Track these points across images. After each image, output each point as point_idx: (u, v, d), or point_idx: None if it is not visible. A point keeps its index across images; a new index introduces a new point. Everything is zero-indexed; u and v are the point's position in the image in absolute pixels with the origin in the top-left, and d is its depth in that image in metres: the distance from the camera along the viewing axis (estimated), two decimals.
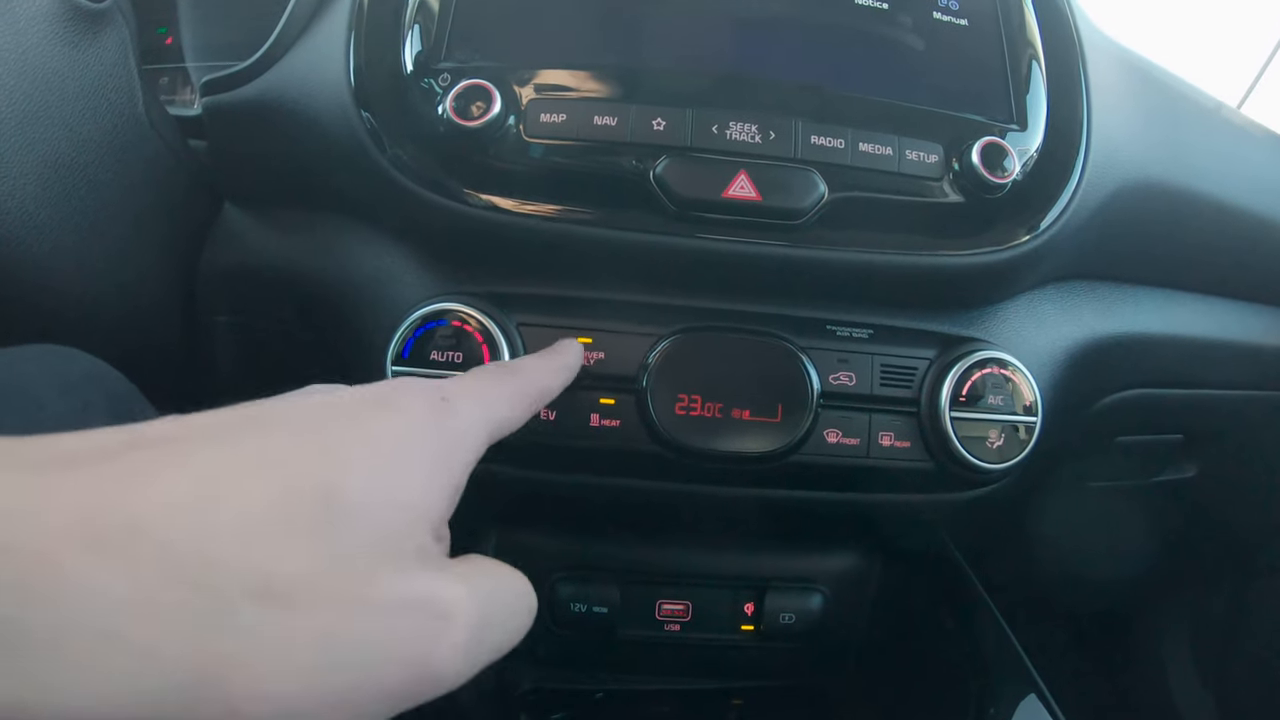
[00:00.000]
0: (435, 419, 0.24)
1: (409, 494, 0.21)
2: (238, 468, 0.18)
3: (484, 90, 0.38)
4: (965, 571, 0.49)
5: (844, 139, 0.40)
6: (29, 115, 0.38)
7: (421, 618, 0.20)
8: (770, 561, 0.50)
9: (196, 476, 0.18)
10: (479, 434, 0.26)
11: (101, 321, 0.43)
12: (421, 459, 0.23)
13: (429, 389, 0.26)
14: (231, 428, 0.20)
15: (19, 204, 0.38)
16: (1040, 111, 0.44)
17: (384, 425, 0.22)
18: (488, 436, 0.27)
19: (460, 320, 0.39)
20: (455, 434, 0.25)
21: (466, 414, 0.26)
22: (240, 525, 0.17)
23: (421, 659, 0.19)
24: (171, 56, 0.54)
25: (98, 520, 0.16)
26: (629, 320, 0.41)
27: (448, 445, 0.24)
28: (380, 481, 0.21)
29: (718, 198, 0.39)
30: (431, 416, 0.24)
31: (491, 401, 0.28)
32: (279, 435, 0.20)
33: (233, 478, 0.18)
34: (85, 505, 0.16)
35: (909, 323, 0.44)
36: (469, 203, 0.39)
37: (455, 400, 0.26)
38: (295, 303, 0.47)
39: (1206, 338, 0.54)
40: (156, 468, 0.17)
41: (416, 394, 0.25)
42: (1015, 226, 0.43)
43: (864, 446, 0.42)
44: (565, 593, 0.48)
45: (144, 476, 0.17)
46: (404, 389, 0.25)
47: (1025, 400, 0.43)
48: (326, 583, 0.18)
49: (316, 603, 0.18)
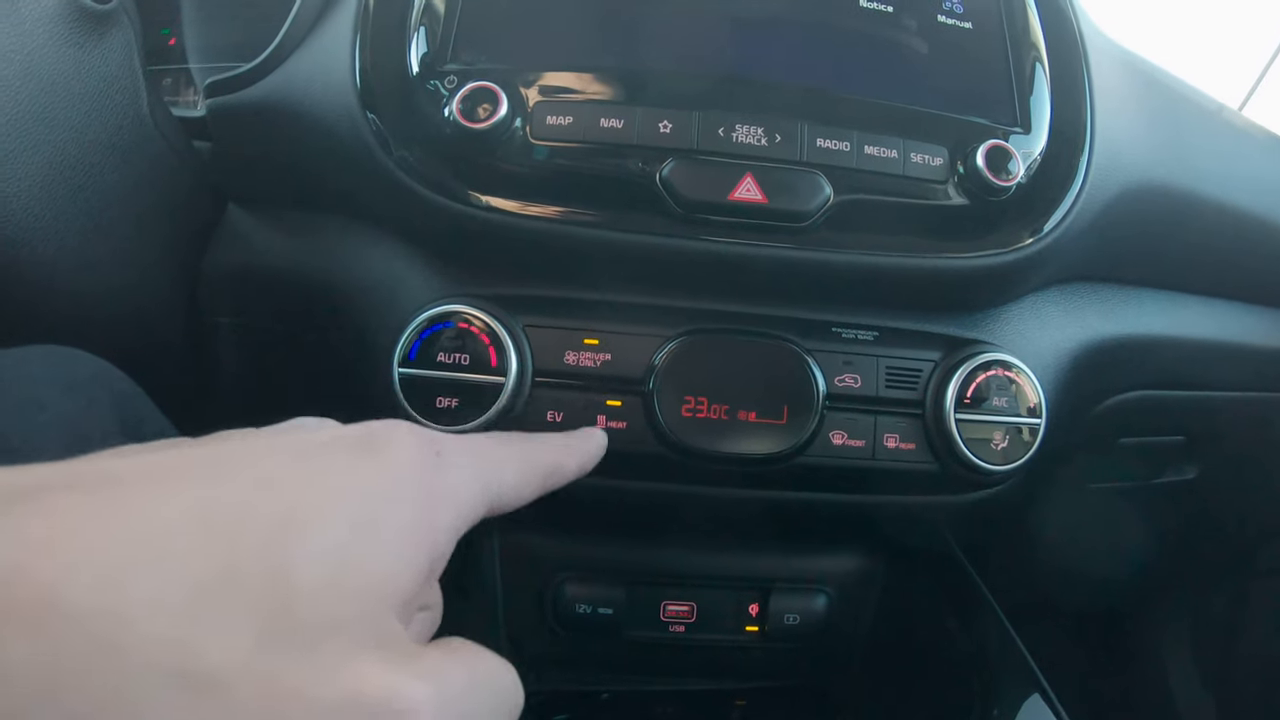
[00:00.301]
0: (422, 471, 0.22)
1: (374, 568, 0.19)
2: (174, 528, 0.16)
3: (490, 92, 0.38)
4: (969, 572, 0.49)
5: (849, 142, 0.40)
6: (34, 116, 0.38)
7: (375, 718, 0.17)
8: (775, 562, 0.50)
9: (127, 535, 0.16)
10: (472, 497, 0.23)
11: (105, 322, 0.43)
12: (397, 521, 0.20)
13: (421, 436, 0.23)
14: (179, 473, 0.18)
15: (23, 204, 0.38)
16: (1044, 114, 0.44)
17: (358, 477, 0.20)
18: (484, 502, 0.24)
19: (466, 322, 0.39)
20: (443, 491, 0.22)
21: (460, 470, 0.23)
22: (166, 598, 0.15)
23: None
24: (175, 58, 0.54)
25: (14, 584, 0.14)
26: (635, 322, 0.41)
27: (432, 504, 0.22)
28: (340, 552, 0.18)
29: (723, 200, 0.39)
30: (418, 467, 0.22)
31: (492, 461, 0.25)
32: (230, 489, 0.18)
33: (165, 540, 0.16)
34: (3, 566, 0.14)
35: (914, 325, 0.45)
36: (475, 205, 0.39)
37: (450, 454, 0.23)
38: (299, 304, 0.47)
39: (1209, 339, 0.55)
40: (85, 520, 0.16)
41: (406, 439, 0.22)
42: (1019, 229, 0.43)
43: (869, 448, 0.42)
44: (570, 594, 0.48)
45: (70, 532, 0.15)
46: (393, 431, 0.22)
47: (1029, 402, 0.43)
48: (262, 672, 0.16)
49: (248, 695, 0.15)
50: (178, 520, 0.16)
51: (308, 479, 0.19)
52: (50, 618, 0.14)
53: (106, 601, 0.15)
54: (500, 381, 0.39)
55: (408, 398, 0.39)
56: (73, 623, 0.14)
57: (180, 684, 0.15)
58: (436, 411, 0.39)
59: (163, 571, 0.15)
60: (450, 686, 0.19)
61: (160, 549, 0.16)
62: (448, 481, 0.22)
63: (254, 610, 0.16)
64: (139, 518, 0.16)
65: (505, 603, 0.48)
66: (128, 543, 0.15)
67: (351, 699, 0.17)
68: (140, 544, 0.16)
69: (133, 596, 0.15)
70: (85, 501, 0.16)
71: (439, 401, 0.39)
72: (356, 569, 0.18)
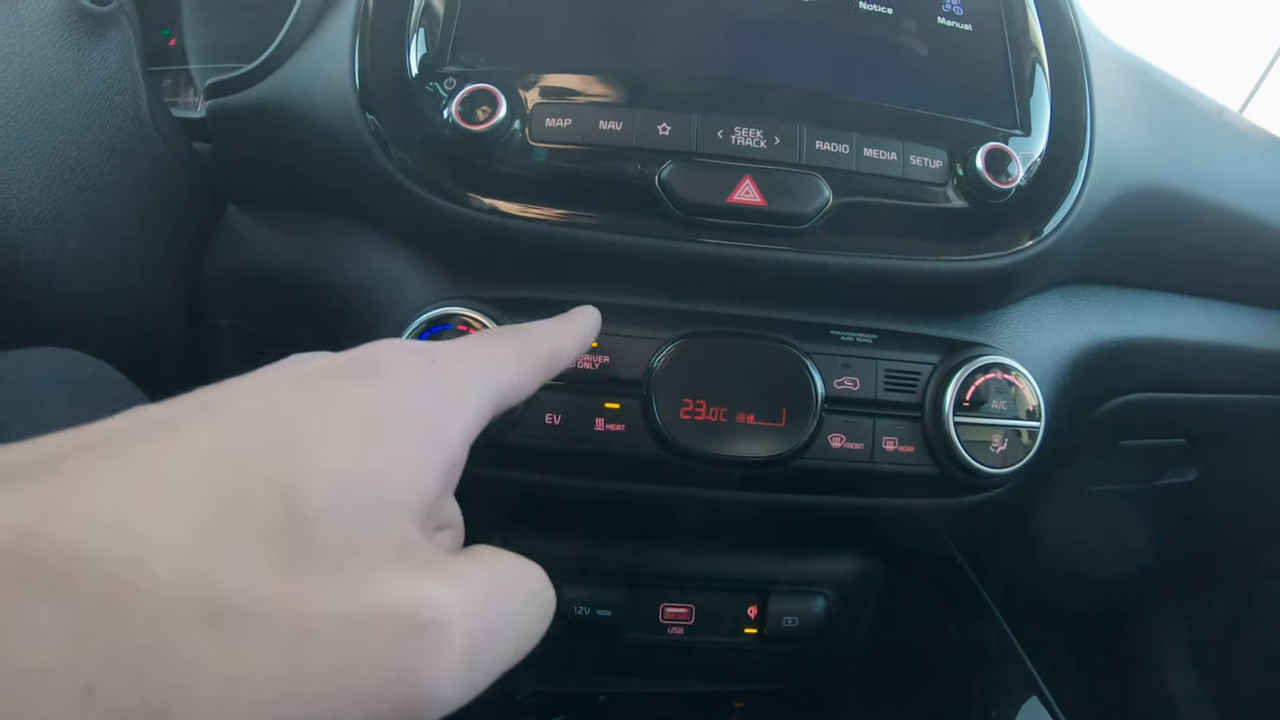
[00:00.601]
0: (423, 381, 0.21)
1: (386, 480, 0.19)
2: (183, 468, 0.16)
3: (489, 94, 0.38)
4: (968, 574, 0.49)
5: (848, 144, 0.40)
6: (33, 117, 0.38)
7: (403, 629, 0.17)
8: (773, 565, 0.50)
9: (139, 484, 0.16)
10: (479, 398, 0.23)
11: (105, 323, 0.43)
12: (405, 433, 0.20)
13: (416, 348, 0.23)
14: (182, 421, 0.18)
15: (23, 206, 0.38)
16: (1044, 117, 0.44)
17: (359, 393, 0.20)
18: (492, 401, 0.24)
19: (465, 324, 0.39)
20: (449, 398, 0.22)
21: (462, 375, 0.23)
22: (184, 538, 0.15)
23: (408, 679, 0.16)
24: (175, 59, 0.54)
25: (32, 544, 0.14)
26: (634, 324, 0.41)
27: (440, 413, 0.21)
28: (349, 469, 0.18)
29: (722, 202, 0.39)
30: (418, 378, 0.21)
31: (493, 360, 0.25)
32: (233, 424, 0.18)
33: (176, 480, 0.16)
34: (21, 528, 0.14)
35: (913, 327, 0.45)
36: (474, 206, 0.39)
37: (446, 360, 0.23)
38: (299, 306, 0.47)
39: (1209, 342, 0.54)
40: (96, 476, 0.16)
41: (401, 354, 0.22)
42: (1019, 232, 0.43)
43: (868, 451, 0.42)
44: (569, 596, 0.48)
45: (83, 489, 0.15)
46: (386, 350, 0.22)
47: (1028, 405, 0.43)
48: (285, 598, 0.16)
49: (274, 622, 0.15)
50: (185, 462, 0.16)
51: (309, 404, 0.19)
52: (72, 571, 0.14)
53: (124, 548, 0.15)
54: None
55: None
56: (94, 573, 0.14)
57: (208, 617, 0.15)
58: None
59: (176, 511, 0.15)
60: (478, 591, 0.19)
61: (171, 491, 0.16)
62: (450, 387, 0.22)
63: (271, 537, 0.16)
64: (148, 465, 0.16)
65: None
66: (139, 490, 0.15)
67: (380, 613, 0.16)
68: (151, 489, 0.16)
69: (149, 539, 0.15)
70: (96, 459, 0.16)
71: None
72: (368, 484, 0.18)
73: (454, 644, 0.17)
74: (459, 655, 0.17)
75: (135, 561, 0.15)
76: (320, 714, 0.16)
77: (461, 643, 0.17)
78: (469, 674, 0.18)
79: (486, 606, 0.19)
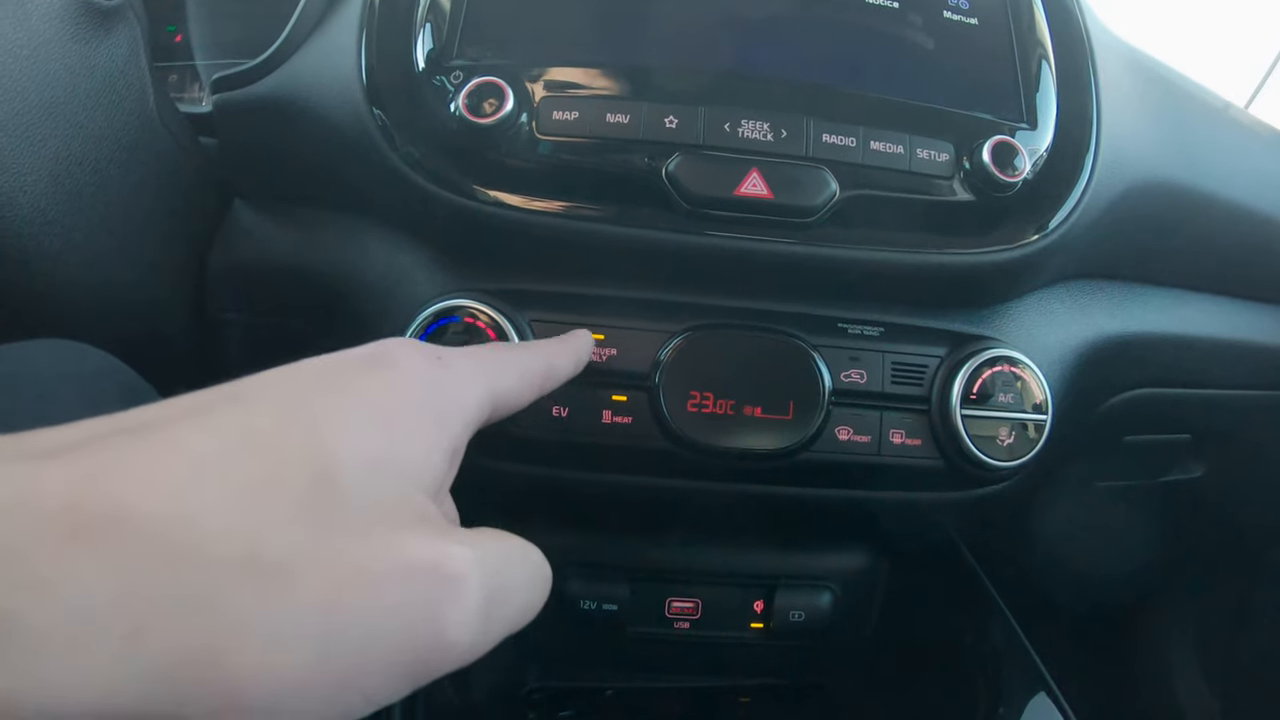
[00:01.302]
0: (431, 373, 0.23)
1: (404, 457, 0.21)
2: (221, 445, 0.18)
3: (497, 87, 0.38)
4: (975, 569, 0.49)
5: (855, 137, 0.40)
6: (40, 112, 0.38)
7: (427, 582, 0.19)
8: (780, 559, 0.50)
9: (180, 456, 0.17)
10: (479, 396, 0.25)
11: (111, 316, 0.43)
12: (416, 418, 0.22)
13: (425, 347, 0.25)
14: (214, 406, 0.19)
15: (30, 200, 0.38)
16: (1050, 110, 0.44)
17: (374, 383, 0.22)
18: (490, 402, 0.26)
19: (472, 316, 0.39)
20: (452, 392, 0.24)
21: (465, 373, 0.25)
22: (226, 501, 0.17)
23: (431, 627, 0.18)
24: (181, 54, 0.54)
25: (81, 507, 0.15)
26: (641, 317, 0.41)
27: (445, 404, 0.23)
28: (371, 446, 0.20)
29: (729, 195, 0.39)
30: (428, 372, 0.23)
31: (493, 366, 0.27)
32: (263, 408, 0.19)
33: (216, 455, 0.17)
34: (70, 494, 0.16)
35: (920, 321, 0.44)
36: (481, 200, 0.39)
37: (453, 361, 0.25)
38: (305, 299, 0.47)
39: (1215, 337, 0.54)
40: (138, 451, 0.17)
41: (410, 350, 0.24)
42: (1025, 225, 0.43)
43: (875, 444, 0.42)
44: (575, 590, 0.48)
45: (127, 461, 0.17)
46: (397, 345, 0.24)
47: (1035, 398, 0.43)
48: (321, 554, 0.17)
49: (312, 576, 0.17)
50: (220, 441, 0.18)
51: (332, 393, 0.21)
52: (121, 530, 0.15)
53: (173, 508, 0.16)
54: None
55: None
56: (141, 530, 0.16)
57: (251, 572, 0.16)
58: None
59: (216, 480, 0.17)
60: (491, 554, 0.21)
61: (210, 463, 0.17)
62: (456, 382, 0.24)
63: (305, 504, 0.18)
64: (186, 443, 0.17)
65: None
66: (181, 463, 0.17)
67: (405, 568, 0.18)
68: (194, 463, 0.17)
69: (197, 502, 0.16)
70: (134, 438, 0.17)
71: None
72: (391, 461, 0.20)
73: (472, 595, 0.19)
74: (476, 607, 0.19)
75: (181, 519, 0.16)
76: (355, 661, 0.17)
77: (477, 595, 0.19)
78: (484, 625, 0.19)
79: (497, 570, 0.21)
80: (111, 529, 0.15)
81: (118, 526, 0.15)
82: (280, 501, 0.17)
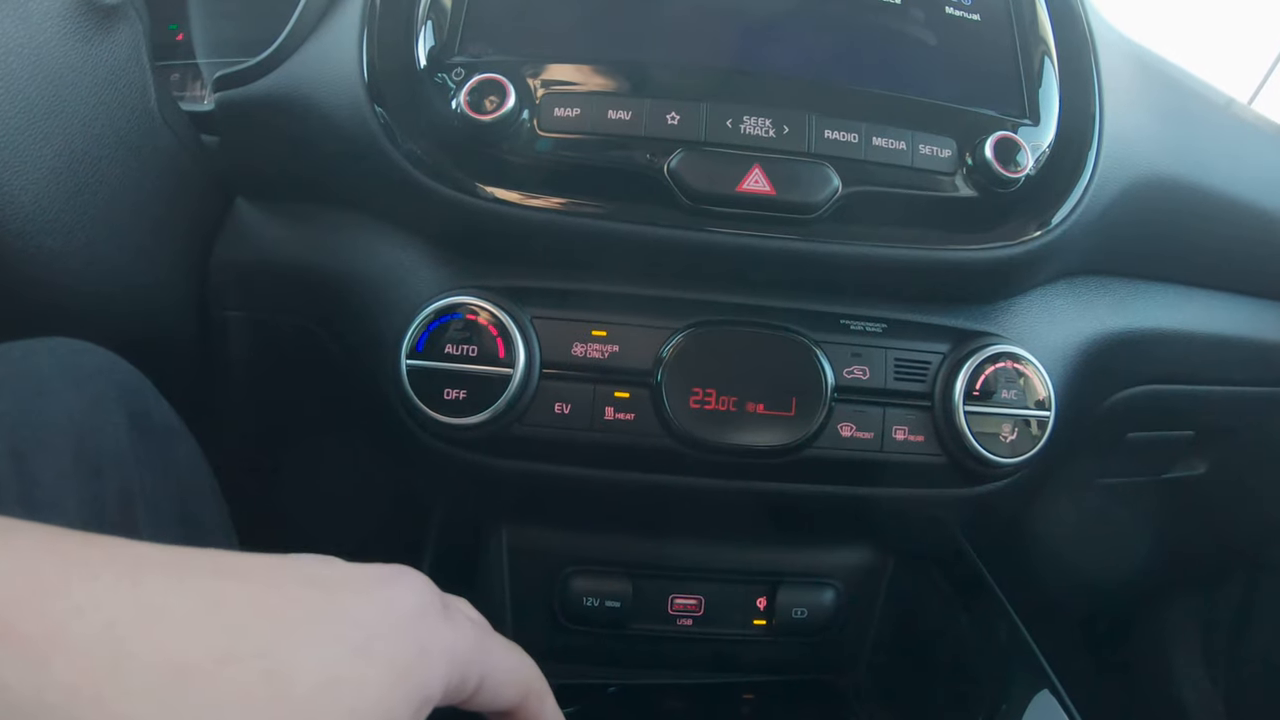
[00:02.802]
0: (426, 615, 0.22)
1: (366, 692, 0.19)
2: (180, 606, 0.17)
3: (498, 84, 0.38)
4: (978, 566, 0.49)
5: (857, 133, 0.40)
6: (43, 110, 0.38)
7: None
8: (782, 556, 0.50)
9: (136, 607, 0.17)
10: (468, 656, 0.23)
11: (113, 315, 0.43)
12: (392, 654, 0.20)
13: (433, 589, 0.23)
14: (198, 562, 0.19)
15: (32, 198, 0.38)
16: (1053, 106, 0.44)
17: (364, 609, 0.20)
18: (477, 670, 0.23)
19: (474, 313, 0.39)
20: (442, 641, 0.22)
21: (462, 628, 0.23)
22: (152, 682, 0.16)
23: None
24: (183, 53, 0.54)
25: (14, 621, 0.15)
26: (643, 314, 0.41)
27: (430, 650, 0.21)
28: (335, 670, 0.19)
29: (732, 192, 0.39)
30: (423, 612, 0.22)
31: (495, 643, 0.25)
32: (242, 585, 0.19)
33: (177, 615, 0.17)
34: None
35: (922, 317, 0.44)
36: (482, 196, 0.39)
37: (456, 611, 0.23)
38: (306, 297, 0.47)
39: (1218, 334, 0.54)
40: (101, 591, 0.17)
41: (418, 582, 0.23)
42: (1027, 221, 0.43)
43: (878, 440, 0.42)
44: (577, 587, 0.48)
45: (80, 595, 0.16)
46: (407, 574, 0.23)
47: (1038, 395, 0.43)
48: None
49: None
50: (184, 601, 0.17)
51: (317, 599, 0.20)
52: (48, 654, 0.15)
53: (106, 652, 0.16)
54: (508, 373, 0.39)
55: (415, 390, 0.39)
56: (70, 659, 0.15)
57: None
58: (444, 403, 0.39)
59: (161, 645, 0.16)
60: None
61: (163, 624, 0.17)
62: (450, 632, 0.22)
63: (247, 697, 0.17)
64: (158, 592, 0.17)
65: (512, 596, 0.48)
66: (136, 611, 0.17)
67: None
68: (147, 615, 0.17)
69: (125, 665, 0.16)
70: (112, 572, 0.17)
71: (447, 393, 0.39)
72: (350, 688, 0.19)
73: None
74: None
75: (112, 665, 0.16)
76: None
77: None
78: None
79: None
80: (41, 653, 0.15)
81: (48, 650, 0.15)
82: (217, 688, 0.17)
